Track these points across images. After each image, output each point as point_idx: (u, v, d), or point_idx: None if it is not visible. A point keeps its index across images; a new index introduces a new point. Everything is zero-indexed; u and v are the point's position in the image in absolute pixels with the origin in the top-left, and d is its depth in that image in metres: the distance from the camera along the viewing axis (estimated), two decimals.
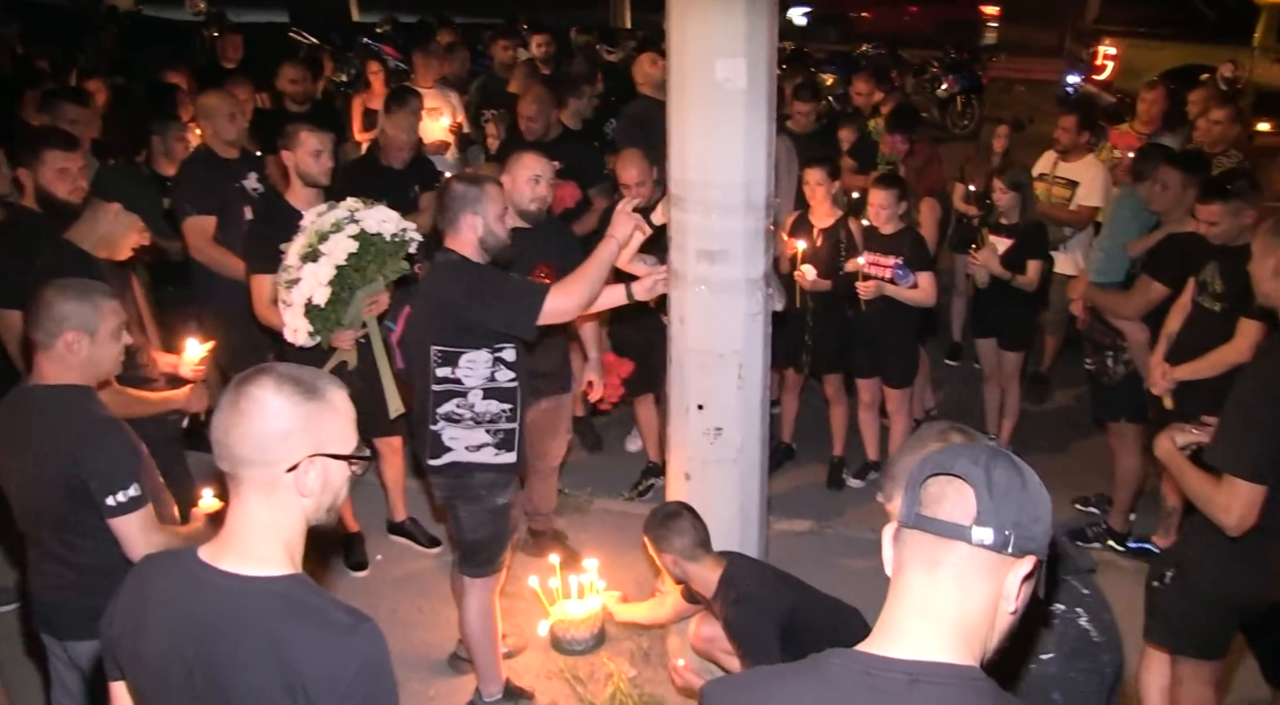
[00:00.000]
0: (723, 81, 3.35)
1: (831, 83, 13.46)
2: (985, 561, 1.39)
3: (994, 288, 5.44)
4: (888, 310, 5.06)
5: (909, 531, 1.42)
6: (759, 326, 3.56)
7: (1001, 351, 5.53)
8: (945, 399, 6.42)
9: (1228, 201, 3.98)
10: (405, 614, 4.38)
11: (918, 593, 1.41)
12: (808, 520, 5.08)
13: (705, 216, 3.45)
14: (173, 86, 6.61)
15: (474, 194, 3.42)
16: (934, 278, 5.04)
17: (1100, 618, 2.07)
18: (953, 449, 1.46)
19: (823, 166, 5.13)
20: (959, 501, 1.39)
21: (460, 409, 3.43)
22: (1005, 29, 20.05)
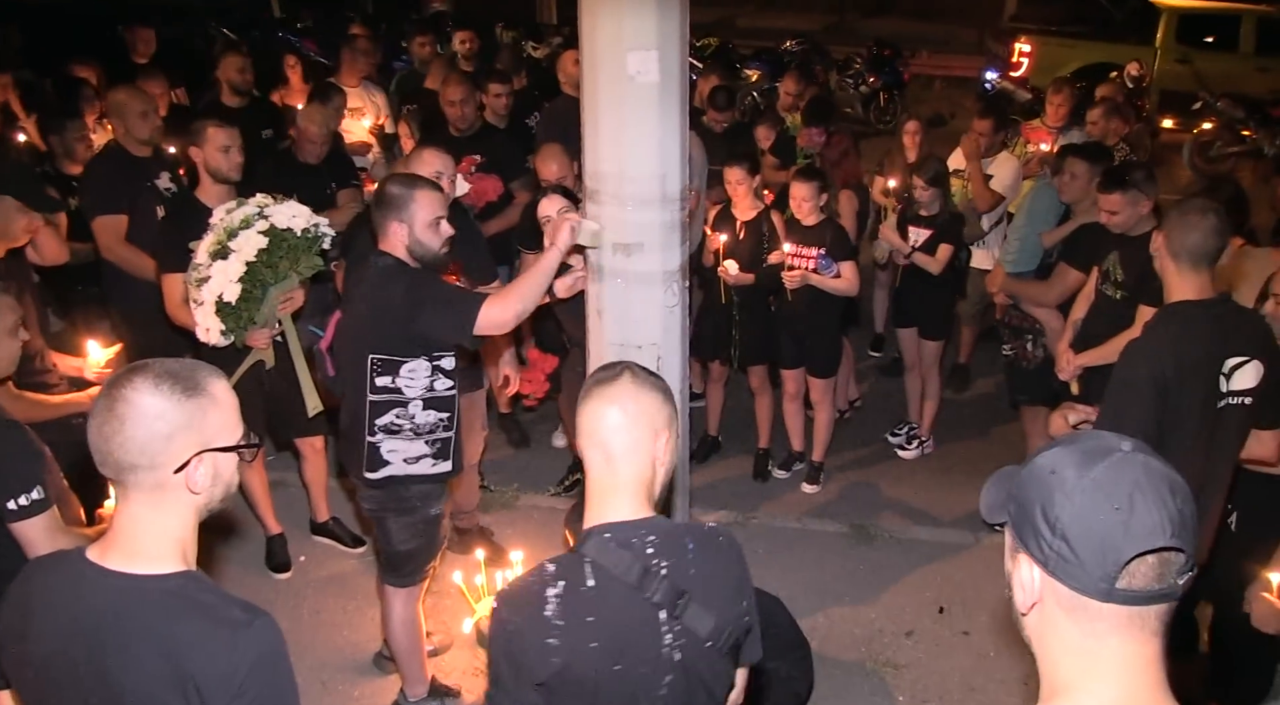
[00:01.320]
0: (635, 74, 3.35)
1: (756, 78, 13.61)
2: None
3: (912, 279, 5.58)
4: (812, 301, 5.13)
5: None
6: (677, 318, 3.58)
7: (922, 341, 5.66)
8: (869, 390, 6.52)
9: (1126, 191, 4.11)
10: (329, 615, 4.32)
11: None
12: (733, 511, 5.13)
13: (620, 209, 3.45)
14: (79, 81, 6.43)
15: (402, 200, 3.27)
16: (855, 266, 5.11)
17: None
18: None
19: (742, 164, 5.17)
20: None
21: (400, 420, 3.33)
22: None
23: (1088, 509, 1.22)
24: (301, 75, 7.20)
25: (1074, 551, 1.23)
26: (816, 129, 6.10)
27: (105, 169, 4.82)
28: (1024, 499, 1.29)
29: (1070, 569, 1.24)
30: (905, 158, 6.27)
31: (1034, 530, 1.27)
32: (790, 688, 3.54)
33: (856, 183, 6.08)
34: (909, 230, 5.53)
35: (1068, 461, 1.27)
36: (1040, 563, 1.27)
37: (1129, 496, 1.22)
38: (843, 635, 4.26)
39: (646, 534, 1.91)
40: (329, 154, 5.45)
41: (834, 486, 5.44)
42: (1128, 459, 1.25)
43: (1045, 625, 1.31)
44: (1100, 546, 1.21)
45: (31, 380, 3.44)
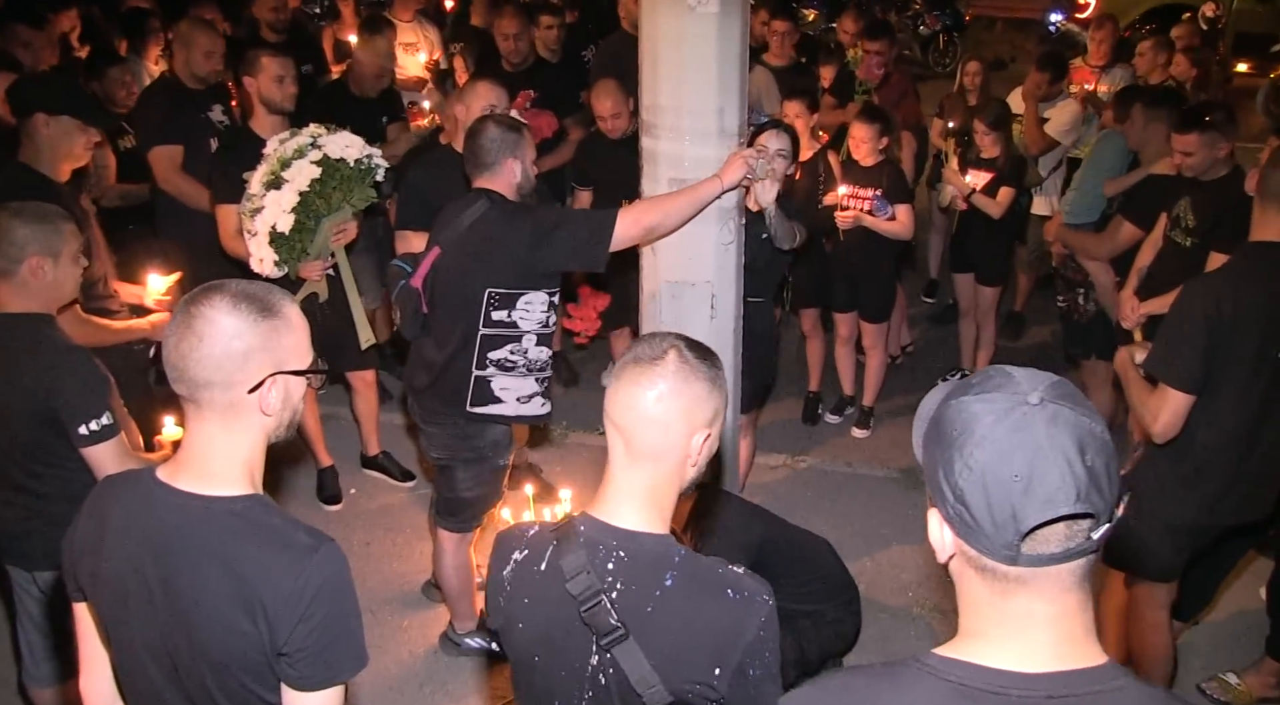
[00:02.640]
0: (695, 5, 3.27)
1: (814, 18, 13.31)
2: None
3: (971, 223, 5.46)
4: (866, 244, 5.04)
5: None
6: (731, 256, 3.52)
7: (979, 286, 5.56)
8: (921, 335, 6.42)
9: (1205, 132, 3.95)
10: (379, 547, 4.38)
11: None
12: (783, 454, 5.11)
13: (677, 143, 3.38)
14: (143, 13, 6.43)
15: (513, 139, 3.30)
16: (911, 210, 5.01)
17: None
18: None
19: (802, 99, 5.06)
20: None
21: (514, 355, 3.31)
22: None
23: (986, 477, 1.14)
24: (354, 8, 7.14)
25: (975, 519, 1.16)
26: (876, 58, 5.95)
27: (160, 100, 4.83)
28: (929, 457, 1.23)
29: (973, 534, 1.17)
30: (966, 100, 6.11)
31: (939, 491, 1.20)
32: (837, 630, 3.53)
33: (915, 124, 5.95)
34: (969, 173, 5.40)
35: (970, 417, 1.17)
36: (948, 522, 1.21)
37: (1029, 462, 1.13)
38: (890, 580, 4.24)
39: (619, 548, 1.69)
40: (383, 89, 5.42)
41: (884, 432, 5.38)
42: (1033, 414, 1.15)
43: (960, 576, 1.26)
44: (1000, 516, 1.14)
45: (94, 306, 3.48)
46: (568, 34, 6.30)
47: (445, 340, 3.35)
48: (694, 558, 1.74)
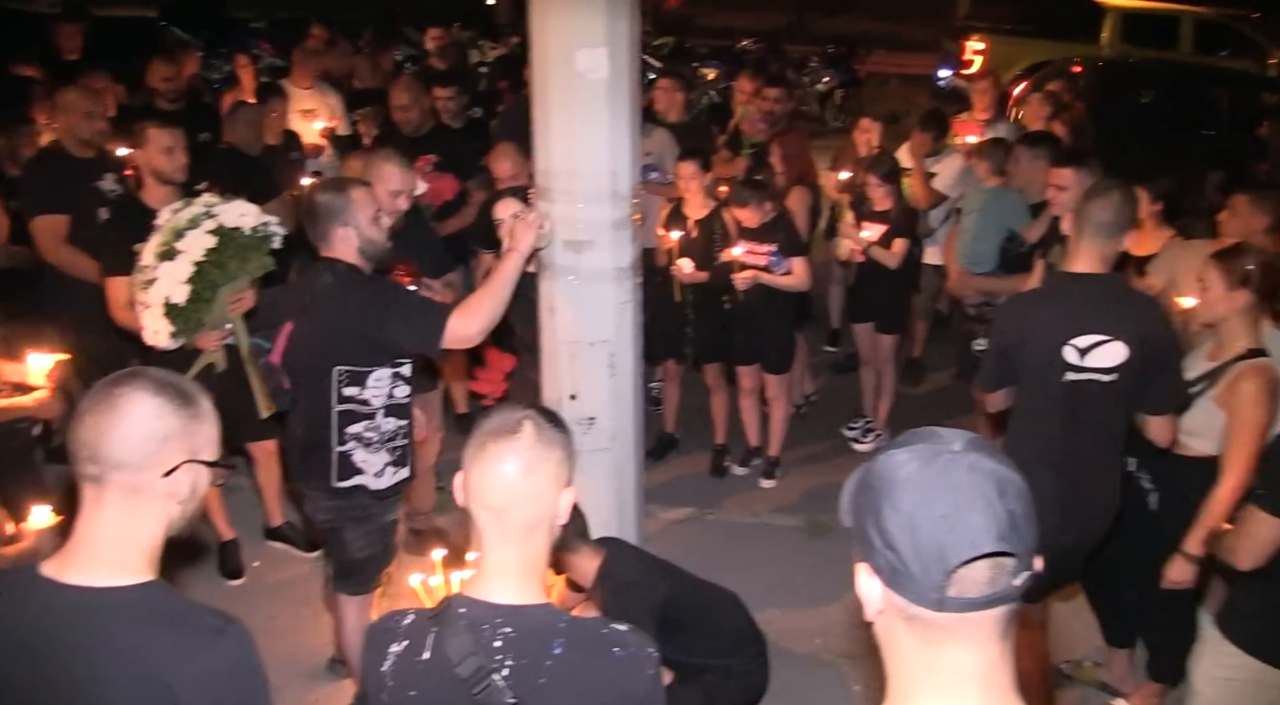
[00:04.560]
0: (585, 72, 3.37)
1: (714, 77, 13.67)
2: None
3: (869, 274, 5.63)
4: (764, 298, 5.15)
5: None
6: (629, 315, 3.59)
7: (877, 335, 5.72)
8: (824, 384, 6.56)
9: (1079, 167, 4.13)
10: (283, 620, 4.28)
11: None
12: (690, 508, 5.15)
13: (571, 206, 3.47)
14: (27, 80, 6.32)
15: (339, 205, 3.22)
16: (807, 262, 5.15)
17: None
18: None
19: (694, 159, 5.19)
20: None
21: (369, 431, 3.29)
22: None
23: (914, 518, 1.19)
24: (253, 75, 7.12)
25: (904, 562, 1.20)
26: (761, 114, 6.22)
27: (44, 169, 4.75)
28: (857, 511, 1.27)
29: (902, 580, 1.21)
30: (858, 154, 6.33)
31: (868, 541, 1.24)
32: (746, 682, 3.55)
33: (809, 179, 6.11)
34: (864, 226, 5.57)
35: (897, 466, 1.23)
36: (877, 573, 1.25)
37: (954, 503, 1.19)
38: (800, 629, 4.28)
39: (504, 625, 1.69)
40: (277, 152, 5.42)
41: (791, 481, 5.47)
42: (955, 461, 1.21)
43: (888, 633, 1.29)
44: (927, 556, 1.18)
45: None
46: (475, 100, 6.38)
47: (308, 415, 3.34)
48: (578, 622, 1.76)
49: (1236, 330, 3.24)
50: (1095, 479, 3.28)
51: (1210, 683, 2.92)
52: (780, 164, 5.83)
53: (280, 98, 6.09)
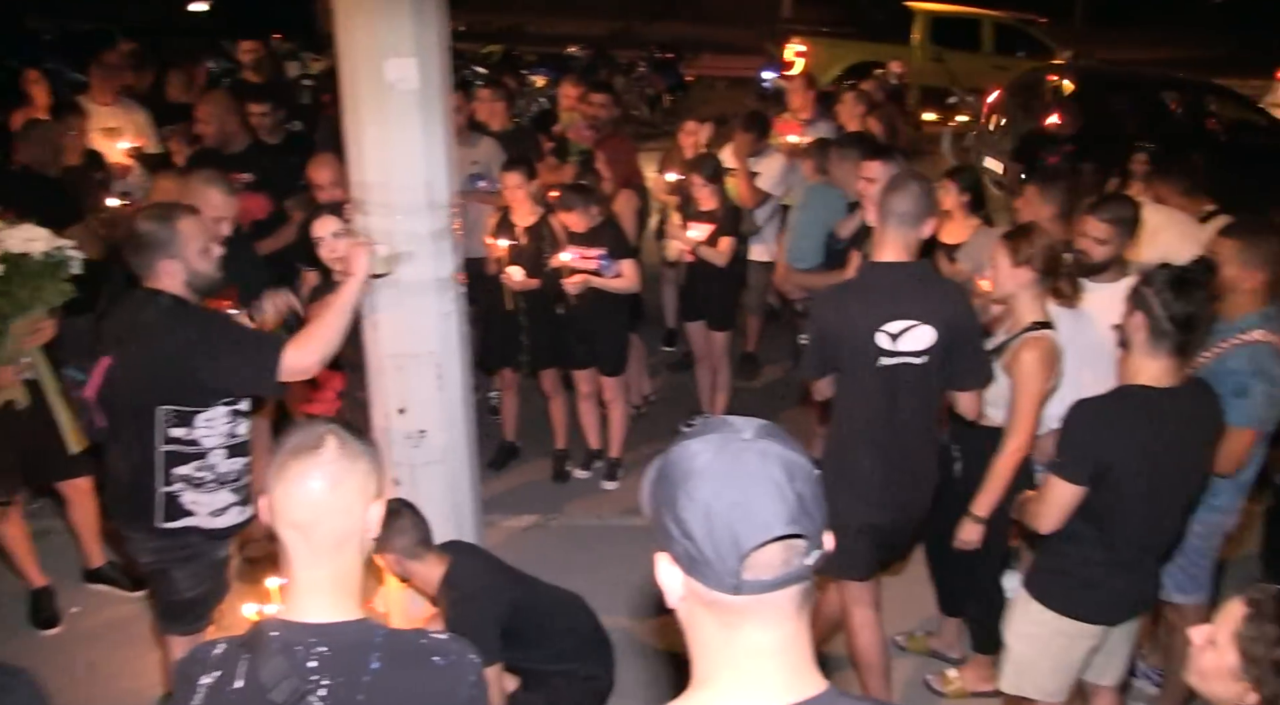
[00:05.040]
0: (395, 82, 3.32)
1: (543, 84, 13.69)
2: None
3: (698, 273, 5.75)
4: (596, 301, 5.19)
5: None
6: (454, 325, 3.56)
7: (710, 332, 5.85)
8: (662, 384, 6.67)
9: (886, 160, 4.31)
10: (105, 666, 4.04)
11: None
12: (534, 515, 5.14)
13: (389, 219, 3.41)
14: None
15: (164, 239, 3.02)
16: (637, 264, 5.22)
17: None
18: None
19: (519, 169, 5.19)
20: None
21: (202, 471, 3.10)
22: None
23: (708, 507, 1.23)
24: (46, 91, 6.71)
25: (700, 550, 1.23)
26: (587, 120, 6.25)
27: None
28: (655, 502, 1.30)
29: (700, 567, 1.24)
30: (684, 156, 6.46)
31: (666, 531, 1.27)
32: (593, 686, 3.57)
33: (635, 182, 6.20)
34: (691, 226, 5.69)
35: (691, 457, 1.26)
36: (676, 562, 1.28)
37: (746, 489, 1.23)
38: (646, 629, 4.33)
39: (318, 644, 1.66)
40: (78, 172, 5.13)
41: (633, 482, 5.50)
42: (745, 448, 1.25)
43: (689, 619, 1.32)
44: (722, 543, 1.22)
45: None
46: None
47: (127, 454, 3.13)
48: (395, 635, 1.74)
49: (1024, 305, 3.46)
50: (915, 456, 3.45)
51: (1019, 639, 3.11)
52: (606, 169, 5.90)
53: (78, 115, 5.78)
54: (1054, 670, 3.09)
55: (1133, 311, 2.81)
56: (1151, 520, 2.93)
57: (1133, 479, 2.81)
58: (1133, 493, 2.83)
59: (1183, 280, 2.75)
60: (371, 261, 3.20)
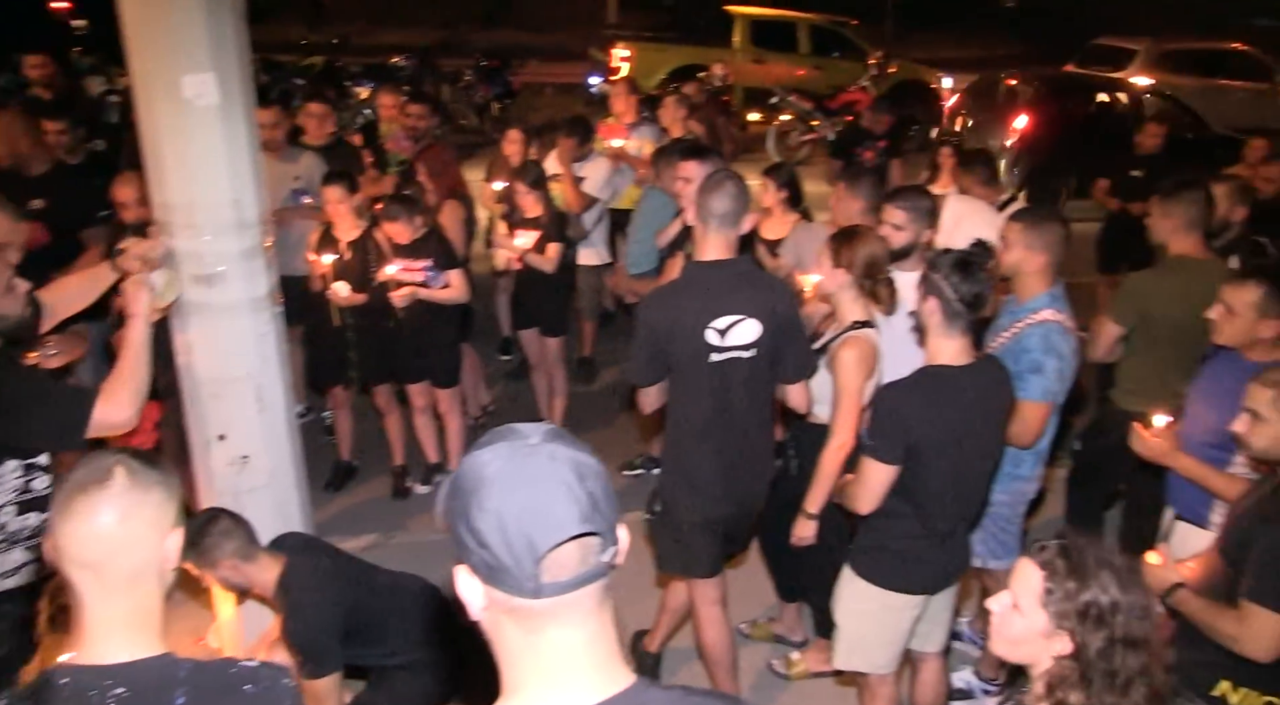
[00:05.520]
0: (193, 98, 3.21)
1: (367, 96, 13.42)
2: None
3: (528, 281, 5.76)
4: (426, 313, 5.14)
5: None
6: (272, 346, 3.46)
7: (543, 339, 5.87)
8: (500, 393, 6.65)
9: (701, 160, 4.41)
10: None
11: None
12: (374, 534, 5.04)
13: (196, 240, 3.29)
14: None
15: None
16: (464, 274, 5.18)
17: None
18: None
19: (339, 183, 5.08)
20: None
21: None
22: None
23: (501, 514, 1.24)
24: None
25: (497, 557, 1.24)
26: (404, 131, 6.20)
27: None
28: (451, 512, 1.30)
29: (499, 575, 1.26)
30: (510, 165, 6.45)
31: (463, 542, 1.28)
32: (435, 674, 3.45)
33: (459, 192, 6.16)
34: (517, 234, 5.70)
35: (481, 466, 1.28)
36: (475, 572, 1.29)
37: (537, 493, 1.25)
38: None
39: (114, 686, 1.59)
40: None
41: None
42: (534, 453, 1.27)
43: (493, 629, 1.33)
44: (518, 548, 1.23)
45: None
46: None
47: None
48: (201, 667, 1.68)
49: (844, 305, 3.58)
50: (751, 450, 3.52)
51: (848, 616, 3.25)
52: (428, 180, 5.83)
53: None
54: (883, 643, 3.25)
55: (925, 297, 2.98)
56: (961, 491, 3.11)
57: (941, 454, 2.97)
58: (942, 467, 2.99)
59: (966, 263, 2.93)
60: (151, 295, 3.00)
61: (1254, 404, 2.62)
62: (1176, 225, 4.11)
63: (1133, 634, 1.84)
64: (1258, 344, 3.31)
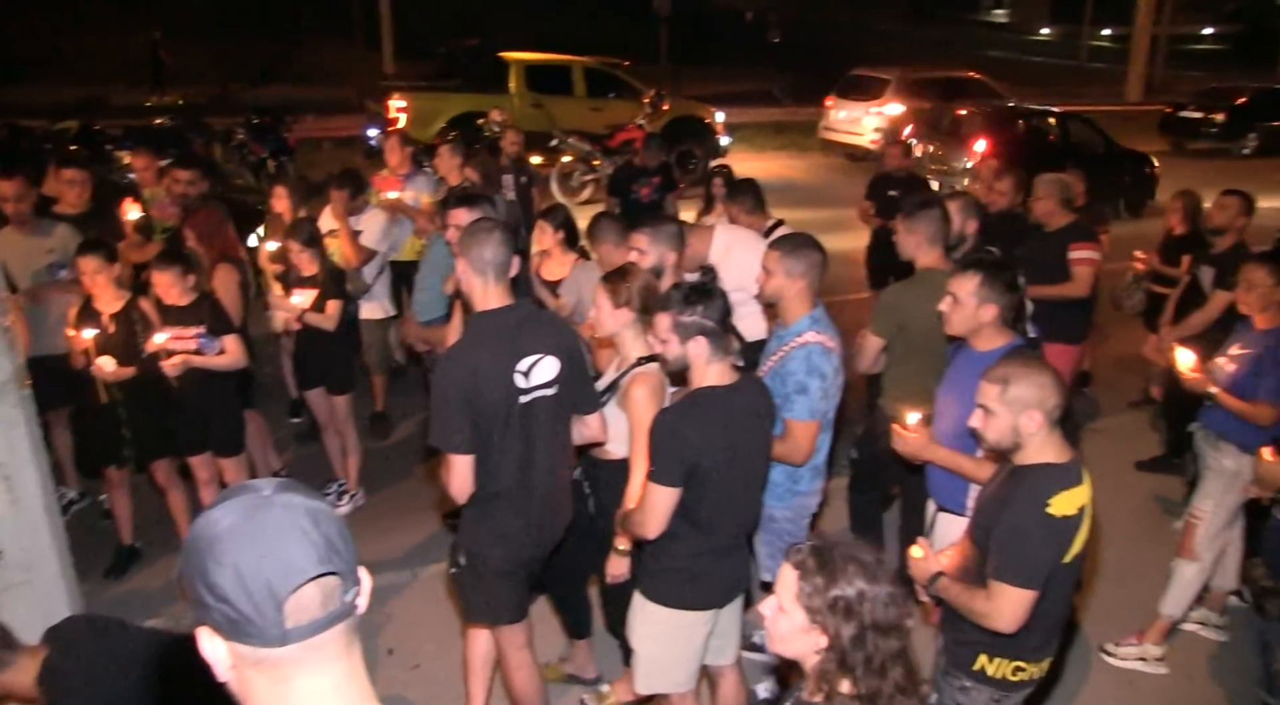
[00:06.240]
0: None
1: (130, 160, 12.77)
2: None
3: (310, 340, 5.62)
4: (203, 382, 4.93)
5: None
6: (22, 432, 3.27)
7: (330, 397, 5.74)
8: (293, 456, 6.44)
9: (470, 207, 4.49)
10: None
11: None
12: (158, 618, 4.76)
13: None
14: None
15: None
16: (239, 338, 5.01)
17: None
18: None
19: (96, 253, 4.82)
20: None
21: None
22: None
23: (238, 566, 1.25)
24: None
25: (239, 611, 1.25)
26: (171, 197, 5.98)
27: None
28: (187, 575, 1.29)
29: (243, 628, 1.26)
30: (283, 223, 6.30)
31: (201, 602, 1.27)
32: None
33: (231, 255, 5.96)
34: (295, 293, 5.57)
35: (214, 524, 1.28)
36: (217, 630, 1.28)
37: (272, 541, 1.26)
38: None
39: None
40: None
41: None
42: (267, 504, 1.29)
43: (242, 687, 1.32)
44: (259, 597, 1.24)
45: None
46: None
47: None
48: None
49: (628, 343, 3.67)
50: (556, 491, 3.55)
51: (643, 641, 3.33)
52: (198, 244, 5.63)
53: None
54: (681, 662, 3.34)
55: (689, 338, 3.10)
56: (738, 506, 3.26)
57: (718, 471, 3.09)
58: (720, 484, 3.12)
59: (704, 291, 3.09)
60: None
61: (984, 400, 2.86)
62: (920, 240, 4.45)
63: (881, 620, 1.99)
64: (982, 330, 3.62)
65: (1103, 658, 4.51)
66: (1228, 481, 4.34)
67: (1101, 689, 4.34)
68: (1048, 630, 2.91)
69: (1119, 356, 8.04)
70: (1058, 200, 6.00)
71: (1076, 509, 2.73)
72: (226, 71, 23.53)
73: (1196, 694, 4.33)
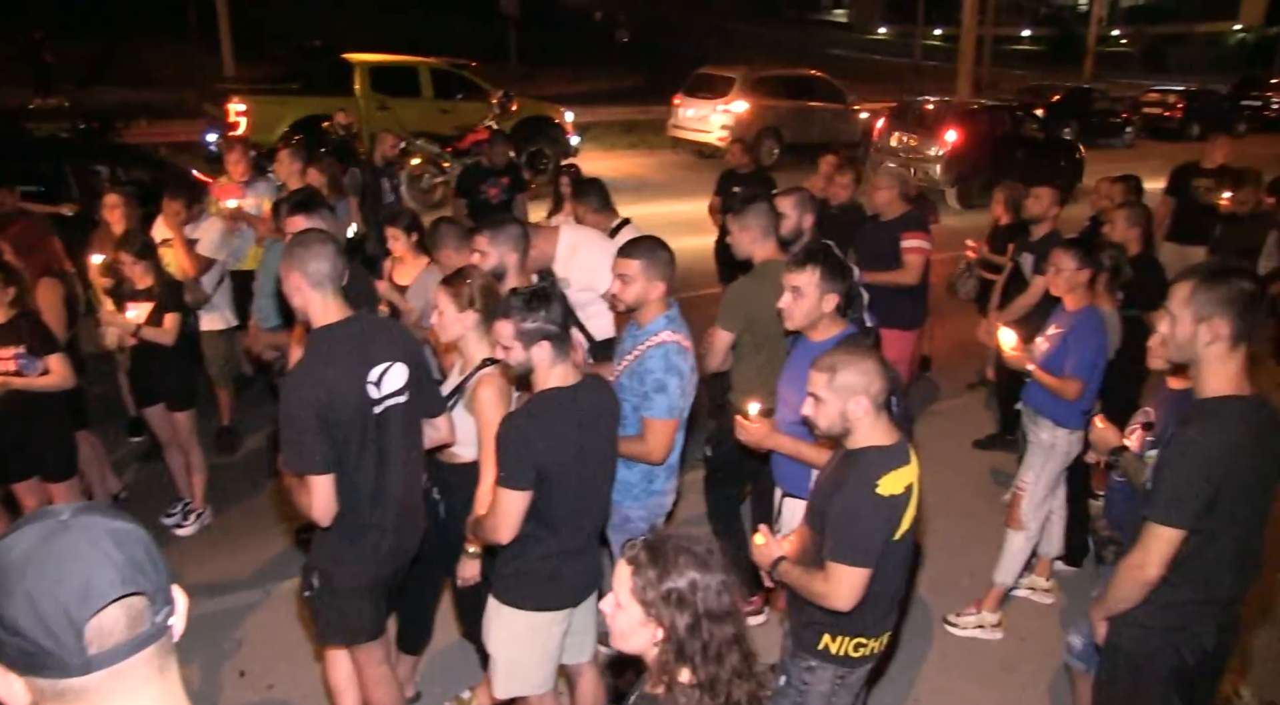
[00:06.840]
0: None
1: None
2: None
3: (147, 355, 5.39)
4: (26, 404, 4.66)
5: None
6: None
7: (171, 414, 5.51)
8: (134, 477, 6.17)
9: (310, 214, 4.41)
10: None
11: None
12: None
13: None
14: None
15: None
16: (64, 358, 4.75)
17: None
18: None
19: None
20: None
21: None
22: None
23: (31, 595, 1.19)
24: None
25: (36, 642, 1.19)
26: None
27: None
28: None
29: (40, 660, 1.20)
30: (113, 234, 6.02)
31: None
32: None
33: (55, 269, 5.67)
34: (129, 307, 5.33)
35: (5, 553, 1.22)
36: (12, 667, 1.22)
37: (70, 566, 1.20)
38: None
39: None
40: None
41: None
42: (65, 528, 1.24)
43: None
44: (58, 625, 1.19)
45: None
46: None
47: None
48: None
49: (472, 346, 3.65)
50: (412, 502, 3.50)
51: (500, 646, 3.33)
52: (17, 260, 5.32)
53: None
54: (538, 663, 3.35)
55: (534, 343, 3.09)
56: (589, 505, 3.29)
57: (567, 472, 3.12)
58: (570, 484, 3.14)
59: (541, 295, 3.12)
60: None
61: (814, 388, 2.97)
62: (754, 235, 4.57)
63: (715, 608, 2.05)
64: (820, 321, 3.76)
65: (946, 628, 4.74)
66: (1046, 453, 4.63)
67: (945, 657, 4.56)
68: (884, 606, 3.04)
69: (957, 341, 8.42)
70: (898, 191, 6.28)
71: (904, 488, 2.86)
72: (49, 74, 22.19)
73: (1029, 653, 4.61)
